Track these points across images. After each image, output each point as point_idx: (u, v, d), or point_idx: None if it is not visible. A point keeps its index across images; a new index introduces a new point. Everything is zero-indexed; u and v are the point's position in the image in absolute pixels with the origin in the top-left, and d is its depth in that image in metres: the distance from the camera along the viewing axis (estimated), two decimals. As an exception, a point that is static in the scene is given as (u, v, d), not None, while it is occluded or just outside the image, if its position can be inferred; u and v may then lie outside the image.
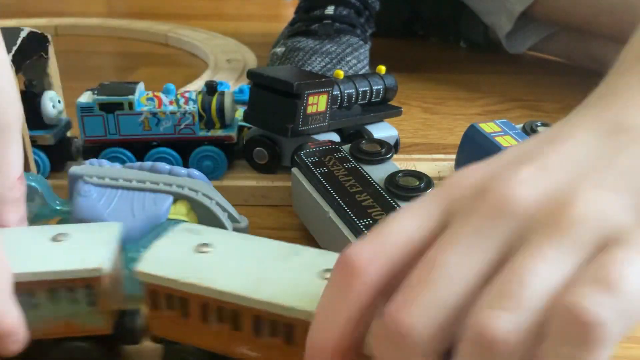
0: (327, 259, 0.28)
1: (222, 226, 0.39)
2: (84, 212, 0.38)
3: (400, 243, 0.22)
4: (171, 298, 0.28)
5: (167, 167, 0.40)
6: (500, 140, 0.44)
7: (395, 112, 0.56)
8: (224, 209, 0.40)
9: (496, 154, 0.43)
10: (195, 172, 0.41)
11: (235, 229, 0.40)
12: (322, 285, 0.23)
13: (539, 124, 0.47)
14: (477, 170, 0.24)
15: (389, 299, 0.21)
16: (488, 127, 0.45)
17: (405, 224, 0.22)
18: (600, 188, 0.21)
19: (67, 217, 0.40)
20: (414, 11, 0.99)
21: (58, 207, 0.40)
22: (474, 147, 0.45)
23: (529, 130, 0.46)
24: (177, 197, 0.39)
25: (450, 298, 0.20)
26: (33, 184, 0.39)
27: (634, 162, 0.22)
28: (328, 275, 0.26)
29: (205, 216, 0.39)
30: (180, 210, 0.39)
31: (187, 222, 0.38)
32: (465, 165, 0.46)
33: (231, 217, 0.40)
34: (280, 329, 0.26)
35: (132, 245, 0.36)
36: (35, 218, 0.39)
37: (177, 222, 0.38)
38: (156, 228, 0.37)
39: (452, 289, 0.20)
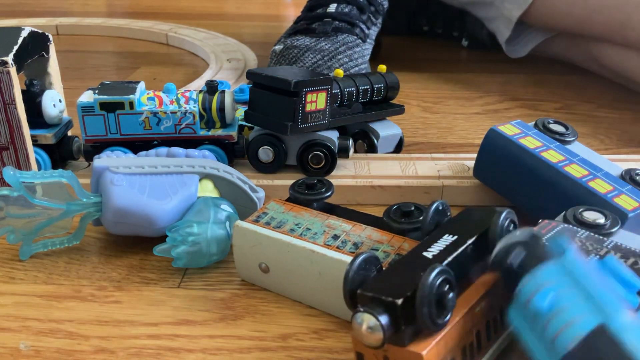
0: None
1: (246, 196, 0.43)
2: (122, 199, 0.39)
3: None
4: None
5: (183, 151, 0.44)
6: (524, 142, 0.44)
7: (397, 110, 0.56)
8: (245, 182, 0.43)
9: (523, 155, 0.43)
10: (207, 152, 0.44)
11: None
12: None
13: (551, 120, 0.47)
14: None
15: None
16: (508, 129, 0.45)
17: None
18: None
19: (97, 209, 0.41)
20: (420, 5, 0.99)
21: (89, 200, 0.41)
22: (498, 151, 0.45)
23: (543, 129, 0.46)
24: (201, 176, 0.42)
25: None
26: (63, 179, 0.39)
27: None
28: None
29: (228, 189, 0.43)
30: (206, 187, 0.42)
31: (216, 197, 0.41)
32: (487, 169, 0.46)
33: (251, 188, 0.43)
34: None
35: (181, 222, 0.39)
36: (65, 215, 0.40)
37: (209, 198, 0.40)
38: (195, 204, 0.40)
39: None
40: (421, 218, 0.37)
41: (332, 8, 0.73)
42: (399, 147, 0.56)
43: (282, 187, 0.48)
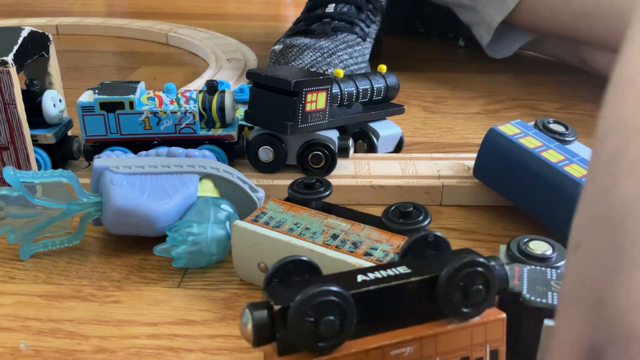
0: None
1: (246, 195, 0.43)
2: (122, 199, 0.40)
3: None
4: None
5: (183, 150, 0.44)
6: (523, 142, 0.44)
7: (398, 110, 0.56)
8: (244, 181, 0.43)
9: (523, 155, 0.44)
10: (207, 152, 0.45)
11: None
12: None
13: (551, 120, 0.47)
14: None
15: None
16: (508, 129, 0.45)
17: None
18: None
19: (97, 209, 0.41)
20: (415, 8, 1.00)
21: (89, 200, 0.41)
22: (498, 151, 0.45)
23: (542, 128, 0.46)
24: (201, 176, 0.42)
25: None
26: (63, 179, 0.39)
27: None
28: None
29: (228, 189, 0.43)
30: (206, 187, 0.42)
31: (216, 197, 0.41)
32: (487, 169, 0.46)
33: (251, 188, 0.44)
34: None
35: (181, 222, 0.39)
36: (65, 214, 0.40)
37: (209, 198, 0.41)
38: (195, 204, 0.40)
39: None
40: (419, 219, 0.37)
41: (331, 8, 0.73)
42: (399, 147, 0.56)
43: (282, 187, 0.48)
